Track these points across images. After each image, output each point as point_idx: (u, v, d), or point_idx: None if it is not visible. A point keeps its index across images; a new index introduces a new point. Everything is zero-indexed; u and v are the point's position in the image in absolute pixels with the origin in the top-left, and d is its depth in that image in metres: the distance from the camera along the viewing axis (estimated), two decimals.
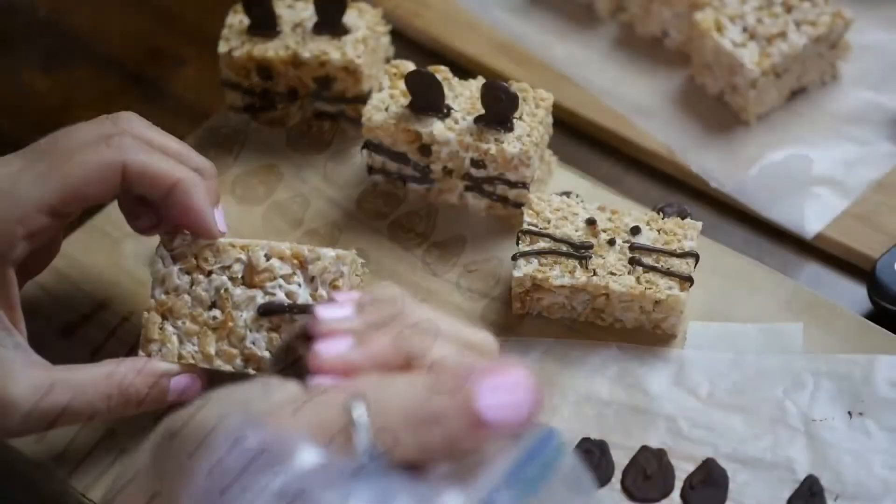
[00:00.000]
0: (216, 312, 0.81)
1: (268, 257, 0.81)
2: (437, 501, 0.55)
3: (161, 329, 0.81)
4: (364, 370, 0.62)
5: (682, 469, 0.81)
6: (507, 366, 0.59)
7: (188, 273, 0.81)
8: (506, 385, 0.58)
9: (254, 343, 0.80)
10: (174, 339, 0.81)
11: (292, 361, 0.65)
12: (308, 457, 0.56)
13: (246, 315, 0.81)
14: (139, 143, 0.80)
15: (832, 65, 1.02)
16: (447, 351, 0.63)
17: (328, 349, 0.63)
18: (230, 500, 0.55)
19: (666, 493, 0.80)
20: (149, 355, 0.81)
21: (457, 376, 0.58)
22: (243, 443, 0.56)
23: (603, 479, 0.81)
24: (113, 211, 0.95)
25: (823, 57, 1.01)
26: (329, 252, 0.81)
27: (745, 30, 0.99)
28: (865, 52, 1.04)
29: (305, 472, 0.55)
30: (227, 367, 0.80)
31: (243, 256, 0.81)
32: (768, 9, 1.00)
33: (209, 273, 0.81)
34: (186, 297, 0.81)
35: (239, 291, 0.81)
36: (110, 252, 0.93)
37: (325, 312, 0.65)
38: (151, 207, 0.83)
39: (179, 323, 0.81)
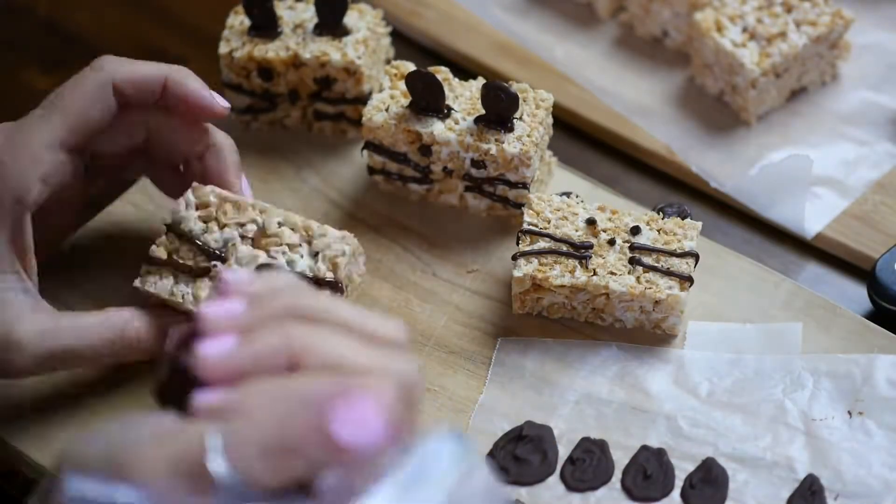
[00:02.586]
0: (218, 263, 0.83)
1: (280, 224, 0.84)
2: None
3: (162, 264, 0.84)
4: (250, 374, 0.60)
5: (682, 468, 0.81)
6: (360, 390, 0.58)
7: (205, 221, 0.84)
8: (358, 411, 0.57)
9: None
10: (170, 276, 0.84)
11: (177, 368, 0.62)
12: (128, 495, 0.56)
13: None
14: (118, 58, 0.85)
15: (832, 65, 1.02)
16: (340, 345, 0.61)
17: (211, 351, 0.61)
18: None
19: (666, 492, 0.80)
20: (144, 286, 0.84)
21: (313, 403, 0.58)
22: (63, 495, 0.57)
23: (603, 478, 0.81)
24: (114, 210, 0.96)
25: (823, 57, 1.01)
26: (336, 232, 0.84)
27: (745, 30, 0.99)
28: (865, 52, 1.04)
29: None
30: None
31: (259, 219, 0.84)
32: (768, 9, 1.00)
33: (224, 226, 0.84)
34: (197, 241, 0.84)
35: (245, 249, 0.83)
36: (111, 251, 0.93)
37: (209, 311, 0.63)
38: (178, 174, 0.89)
39: (179, 263, 0.84)
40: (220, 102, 0.87)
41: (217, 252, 0.83)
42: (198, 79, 0.87)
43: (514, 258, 0.87)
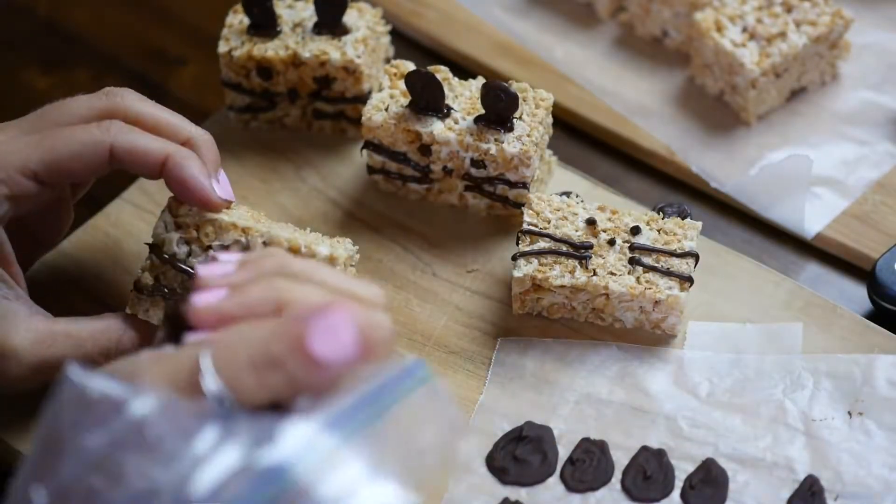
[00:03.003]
0: None
1: (266, 244, 0.82)
2: (277, 430, 0.59)
3: (151, 291, 0.82)
4: (237, 319, 0.65)
5: (682, 469, 0.81)
6: (339, 306, 0.62)
7: (188, 243, 0.82)
8: (335, 325, 0.62)
9: None
10: (161, 303, 0.82)
11: (175, 321, 0.67)
12: (147, 401, 0.60)
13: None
14: (128, 125, 0.82)
15: (832, 65, 1.02)
16: (321, 298, 0.66)
17: (202, 300, 0.66)
18: (70, 444, 0.59)
19: (666, 493, 0.80)
20: (136, 315, 0.83)
21: (294, 320, 0.62)
22: (84, 392, 0.60)
23: (603, 479, 0.81)
24: (113, 210, 0.96)
25: (823, 57, 1.01)
26: (324, 251, 0.82)
27: (745, 30, 0.99)
28: (865, 52, 1.04)
29: (148, 416, 0.59)
30: None
31: (243, 239, 0.82)
32: (768, 9, 1.00)
33: (207, 247, 0.82)
34: (181, 266, 0.82)
35: None
36: (110, 251, 0.93)
37: (204, 270, 0.68)
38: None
39: (167, 290, 0.82)
40: (219, 194, 0.83)
41: None
42: (200, 163, 0.82)
43: (514, 258, 0.87)
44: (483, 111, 0.90)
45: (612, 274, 0.86)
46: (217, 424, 0.60)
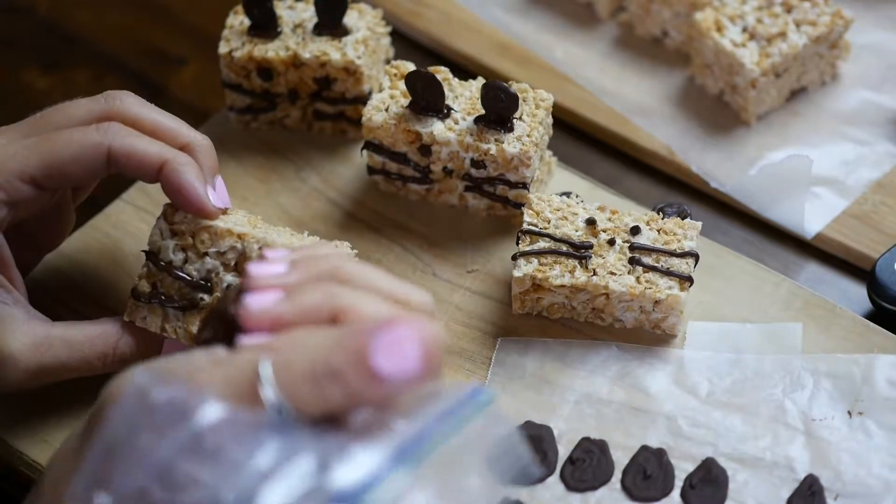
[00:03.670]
0: (204, 294, 0.81)
1: (261, 250, 0.81)
2: (343, 455, 0.58)
3: (148, 298, 0.82)
4: (292, 324, 0.64)
5: (682, 468, 0.81)
6: (404, 322, 0.61)
7: (183, 250, 0.82)
8: (400, 341, 0.60)
9: None
10: (159, 311, 0.82)
11: (224, 320, 0.66)
12: (213, 411, 0.58)
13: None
14: (127, 128, 0.81)
15: (832, 65, 1.02)
16: (377, 305, 0.64)
17: (257, 302, 0.65)
18: (136, 452, 0.58)
19: (666, 492, 0.80)
20: (134, 321, 0.82)
21: (358, 333, 0.61)
22: (150, 397, 0.59)
23: (603, 478, 0.81)
24: (113, 211, 0.96)
25: (823, 57, 1.01)
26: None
27: (745, 30, 0.99)
28: (865, 52, 1.04)
29: (212, 425, 0.58)
30: None
31: (238, 245, 0.81)
32: (768, 9, 1.00)
33: (203, 254, 0.82)
34: (177, 272, 0.82)
35: (230, 277, 0.81)
36: (110, 252, 0.93)
37: (257, 269, 0.67)
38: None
39: (165, 297, 0.82)
40: (214, 202, 0.81)
41: (200, 282, 0.81)
42: (197, 170, 0.81)
43: (514, 258, 0.87)
44: (483, 111, 0.90)
45: (612, 274, 0.86)
46: (278, 437, 0.59)
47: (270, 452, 0.58)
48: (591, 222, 0.87)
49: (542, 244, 0.87)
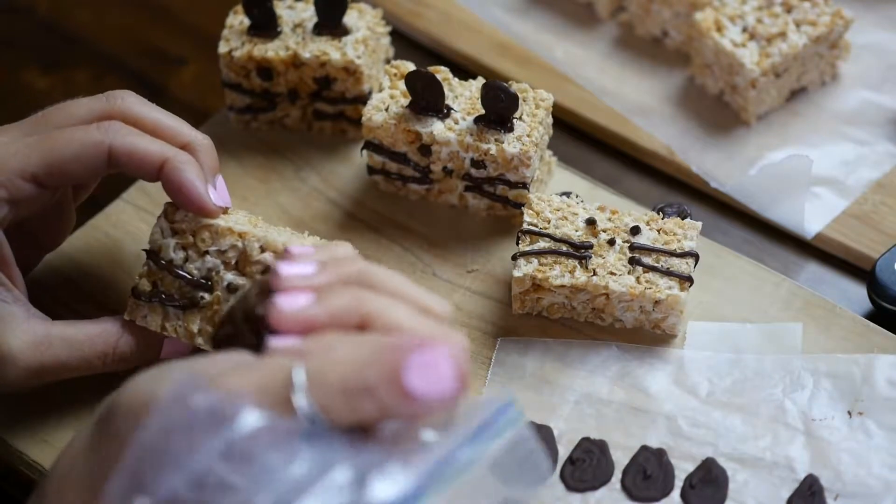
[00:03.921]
0: (204, 293, 0.81)
1: (262, 249, 0.81)
2: (379, 470, 0.58)
3: (149, 297, 0.82)
4: (322, 328, 0.64)
5: (682, 468, 0.81)
6: (439, 343, 0.61)
7: (184, 249, 0.82)
8: (434, 362, 0.60)
9: None
10: (160, 310, 0.82)
11: (249, 320, 0.66)
12: (253, 418, 0.58)
13: (233, 300, 0.81)
14: (128, 126, 0.81)
15: (832, 65, 1.02)
16: (403, 312, 0.65)
17: (288, 304, 0.65)
18: (175, 457, 0.58)
19: (666, 492, 0.80)
20: (135, 320, 0.82)
21: (392, 349, 0.61)
22: (189, 402, 0.58)
23: (603, 478, 0.81)
24: (113, 211, 0.96)
25: (823, 57, 1.01)
26: None
27: (745, 30, 0.99)
28: (865, 52, 1.04)
29: (251, 432, 0.58)
30: (206, 347, 0.81)
31: (239, 244, 0.81)
32: (768, 9, 1.00)
33: (204, 253, 0.81)
34: (178, 271, 0.82)
35: (230, 276, 0.81)
36: (110, 252, 0.93)
37: (287, 269, 0.67)
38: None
39: (165, 296, 0.81)
40: (215, 201, 0.81)
41: (201, 281, 0.81)
42: (198, 169, 0.81)
43: (514, 258, 0.87)
44: (483, 111, 0.90)
45: (612, 274, 0.86)
46: (312, 447, 0.58)
47: (305, 462, 0.58)
48: (591, 222, 0.87)
49: (542, 244, 0.87)
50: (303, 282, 0.67)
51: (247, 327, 0.67)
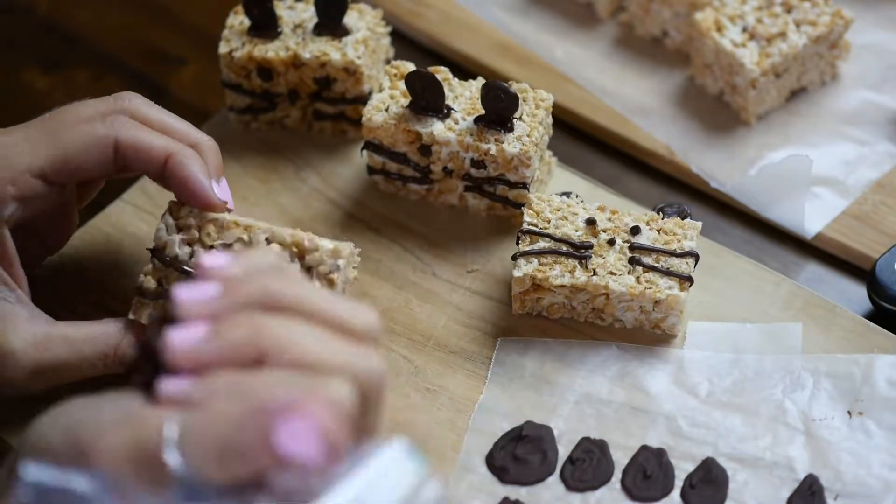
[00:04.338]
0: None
1: (269, 241, 0.81)
2: None
3: (154, 295, 0.82)
4: (216, 364, 0.62)
5: (682, 468, 0.81)
6: (306, 406, 0.59)
7: (189, 245, 0.82)
8: (300, 429, 0.59)
9: None
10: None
11: (151, 353, 0.64)
12: (92, 488, 0.58)
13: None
14: (134, 121, 0.82)
15: (832, 65, 1.02)
16: (309, 341, 0.62)
17: (180, 341, 0.63)
18: None
19: (666, 492, 0.81)
20: (140, 319, 0.82)
21: (262, 412, 0.59)
22: (38, 490, 0.59)
23: (603, 478, 0.81)
24: (113, 211, 0.96)
25: (823, 57, 1.01)
26: (327, 245, 0.82)
27: (745, 30, 0.99)
28: (865, 52, 1.04)
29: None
30: None
31: (245, 237, 0.82)
32: (768, 9, 1.00)
33: (210, 248, 0.82)
34: (184, 267, 0.82)
35: None
36: (110, 252, 0.93)
37: (184, 295, 0.65)
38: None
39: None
40: (219, 195, 0.82)
41: None
42: (202, 164, 0.82)
43: (514, 258, 0.87)
44: (483, 111, 0.90)
45: (612, 274, 0.86)
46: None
47: None
48: (591, 222, 0.87)
49: (542, 244, 0.87)
50: (200, 309, 0.64)
51: (145, 359, 0.65)
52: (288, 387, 0.61)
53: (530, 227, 0.87)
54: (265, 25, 0.96)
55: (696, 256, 0.86)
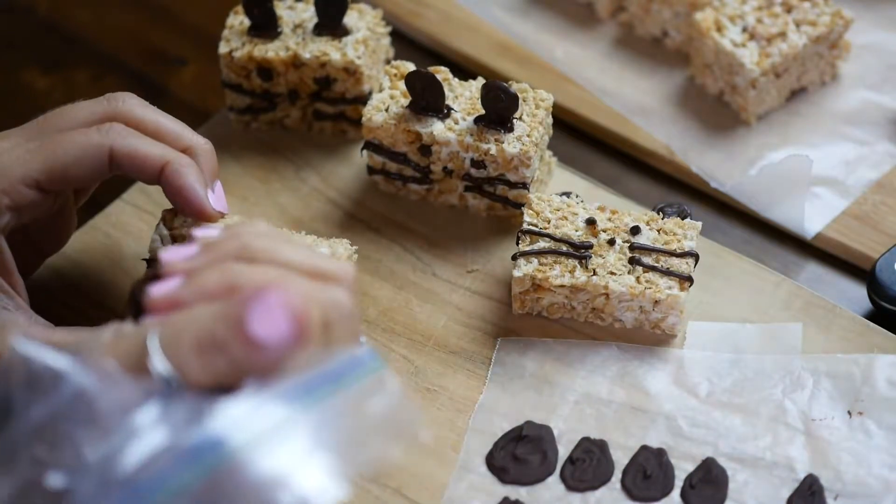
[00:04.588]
0: None
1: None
2: (212, 408, 0.61)
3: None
4: (190, 304, 0.66)
5: (682, 468, 0.81)
6: (273, 286, 0.64)
7: None
8: (271, 307, 0.63)
9: None
10: None
11: (136, 304, 0.69)
12: (86, 375, 0.62)
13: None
14: (129, 128, 0.81)
15: (832, 65, 1.02)
16: (276, 276, 0.66)
17: (158, 289, 0.68)
18: (14, 412, 0.62)
19: (666, 492, 0.81)
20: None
21: (235, 302, 0.64)
22: (25, 363, 0.63)
23: (603, 478, 0.81)
24: (113, 211, 0.96)
25: (823, 57, 1.01)
26: (323, 250, 0.82)
27: (745, 30, 0.99)
28: (865, 52, 1.04)
29: (87, 388, 0.62)
30: None
31: None
32: (768, 9, 1.00)
33: None
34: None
35: None
36: (110, 252, 0.93)
37: (167, 255, 0.70)
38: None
39: None
40: (214, 205, 0.82)
41: None
42: (198, 172, 0.82)
43: (514, 258, 0.87)
44: (483, 111, 0.90)
45: (612, 274, 0.86)
46: (159, 403, 0.62)
47: (147, 417, 0.61)
48: (591, 222, 0.87)
49: (542, 244, 0.87)
50: (179, 266, 0.69)
51: (130, 313, 0.69)
52: (255, 286, 0.65)
53: (530, 227, 0.87)
54: (265, 25, 0.96)
55: (696, 256, 0.86)
